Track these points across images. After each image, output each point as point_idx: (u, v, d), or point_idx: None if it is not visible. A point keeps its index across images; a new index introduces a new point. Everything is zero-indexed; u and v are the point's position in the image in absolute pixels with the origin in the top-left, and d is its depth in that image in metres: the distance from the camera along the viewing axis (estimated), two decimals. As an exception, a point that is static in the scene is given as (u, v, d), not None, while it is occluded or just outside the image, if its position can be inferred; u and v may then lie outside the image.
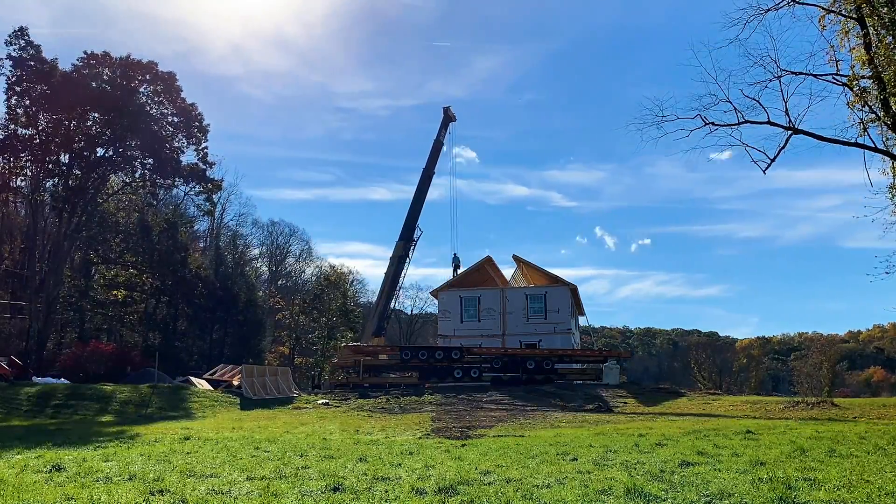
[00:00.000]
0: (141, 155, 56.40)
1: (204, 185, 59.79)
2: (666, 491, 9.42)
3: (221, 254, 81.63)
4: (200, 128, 58.06)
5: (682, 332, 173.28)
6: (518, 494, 9.36)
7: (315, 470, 11.85)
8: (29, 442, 17.09)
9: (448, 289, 55.59)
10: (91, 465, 12.51)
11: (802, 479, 10.20)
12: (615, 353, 51.24)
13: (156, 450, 15.10)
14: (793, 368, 41.06)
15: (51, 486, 10.25)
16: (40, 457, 13.63)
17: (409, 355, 45.53)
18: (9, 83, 52.04)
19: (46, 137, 53.71)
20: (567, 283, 53.76)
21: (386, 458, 13.76)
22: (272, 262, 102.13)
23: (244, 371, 40.76)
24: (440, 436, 20.46)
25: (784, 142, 24.10)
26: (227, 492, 9.74)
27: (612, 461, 12.79)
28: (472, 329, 52.36)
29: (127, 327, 69.82)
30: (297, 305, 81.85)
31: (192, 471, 11.73)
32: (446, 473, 11.23)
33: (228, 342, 72.59)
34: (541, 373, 42.59)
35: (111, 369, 45.96)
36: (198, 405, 33.18)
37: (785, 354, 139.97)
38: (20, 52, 52.09)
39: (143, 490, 9.71)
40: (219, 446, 16.07)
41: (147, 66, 55.53)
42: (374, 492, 9.71)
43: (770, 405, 30.24)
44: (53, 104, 52.94)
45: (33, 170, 55.52)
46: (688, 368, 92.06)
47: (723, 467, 11.70)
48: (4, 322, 62.47)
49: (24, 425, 24.91)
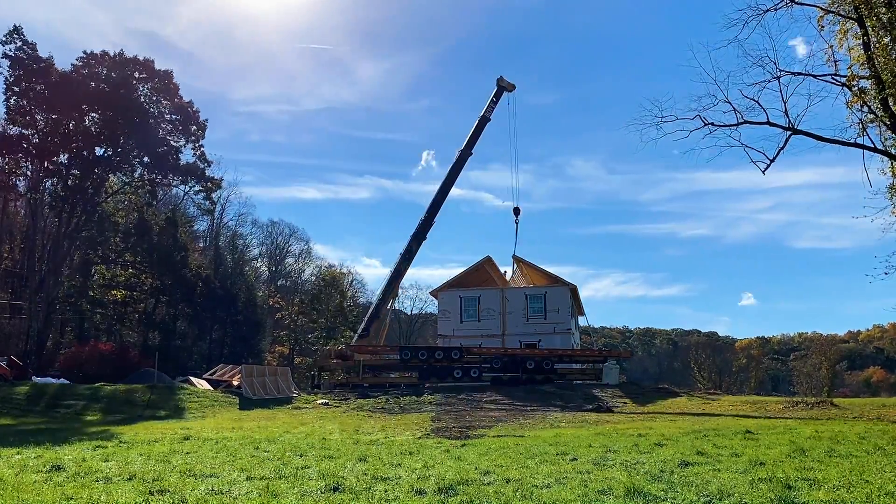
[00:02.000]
0: (139, 154, 56.47)
1: (203, 184, 59.81)
2: (665, 491, 9.42)
3: (221, 254, 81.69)
4: (198, 126, 58.08)
5: (682, 332, 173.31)
6: (518, 494, 9.35)
7: (315, 470, 11.85)
8: (26, 441, 17.07)
9: (448, 289, 55.52)
10: (90, 465, 12.50)
11: (802, 479, 10.20)
12: (615, 353, 51.26)
13: (155, 450, 15.09)
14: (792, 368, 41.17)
15: (50, 485, 10.25)
16: (39, 457, 13.61)
17: (409, 355, 45.54)
18: (7, 83, 52.09)
19: (45, 137, 53.75)
20: (567, 283, 53.73)
21: (386, 458, 13.76)
22: (272, 262, 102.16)
23: (244, 371, 40.74)
24: (440, 436, 20.45)
25: (783, 142, 24.12)
26: (227, 492, 9.74)
27: (611, 461, 12.79)
28: (471, 329, 52.31)
29: (127, 327, 69.84)
30: (296, 305, 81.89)
31: (191, 471, 11.73)
32: (446, 473, 11.22)
33: (228, 342, 72.64)
34: (541, 373, 42.61)
35: (110, 369, 45.96)
36: (197, 405, 33.16)
37: (784, 354, 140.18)
38: (16, 52, 52.09)
39: (143, 490, 9.71)
40: (218, 446, 16.06)
41: (144, 64, 55.58)
42: (373, 492, 9.71)
43: (770, 405, 30.24)
44: (52, 104, 52.98)
45: (32, 169, 55.64)
46: (688, 368, 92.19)
47: (722, 467, 11.70)
48: (4, 322, 62.53)
49: (15, 424, 24.90)
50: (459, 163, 54.99)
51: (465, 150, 55.06)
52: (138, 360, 51.04)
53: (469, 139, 55.25)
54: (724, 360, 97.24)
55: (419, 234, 53.44)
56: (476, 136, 55.61)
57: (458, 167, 55.09)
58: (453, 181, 55.28)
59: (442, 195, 54.63)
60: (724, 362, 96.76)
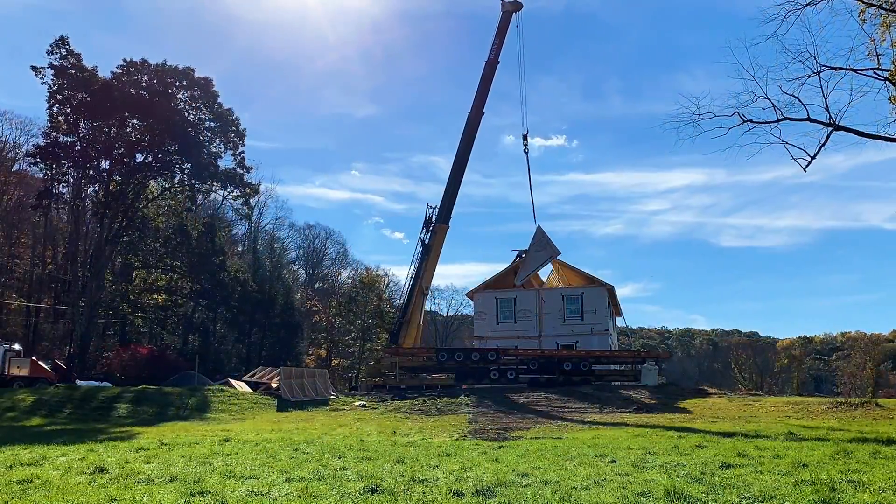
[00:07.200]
0: (179, 160, 57.15)
1: (241, 190, 60.39)
2: (706, 493, 9.32)
3: (259, 257, 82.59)
4: (237, 132, 58.70)
5: (722, 332, 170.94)
6: (556, 497, 9.31)
7: (353, 471, 11.92)
8: (72, 442, 17.39)
9: (484, 290, 55.41)
10: (133, 466, 12.70)
11: (846, 481, 10.03)
12: (653, 354, 50.75)
13: (196, 451, 15.28)
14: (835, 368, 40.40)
15: (94, 487, 10.44)
16: (83, 458, 13.86)
17: (445, 357, 45.54)
18: (50, 92, 53.12)
19: (87, 144, 54.79)
20: (604, 284, 53.33)
21: (423, 459, 13.78)
22: (308, 265, 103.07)
23: (282, 373, 41.08)
24: (477, 437, 20.42)
25: (825, 138, 23.75)
26: (267, 493, 9.83)
27: (651, 463, 12.68)
28: (508, 330, 52.16)
29: (167, 331, 70.93)
30: (333, 308, 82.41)
31: (232, 472, 11.86)
32: (484, 475, 11.21)
33: (266, 344, 73.35)
34: (578, 374, 42.38)
35: (151, 372, 46.65)
36: (237, 407, 33.52)
37: (827, 354, 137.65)
38: (61, 61, 53.14)
39: (185, 491, 9.84)
40: (258, 448, 16.22)
41: (184, 73, 56.29)
42: (411, 493, 9.74)
43: (812, 406, 29.73)
44: (94, 111, 53.96)
45: (75, 176, 56.64)
46: (728, 369, 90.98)
47: (764, 469, 11.55)
48: (48, 326, 63.84)
49: (60, 426, 25.38)
50: (471, 128, 51.08)
51: (475, 112, 50.86)
52: (178, 362, 51.79)
53: (477, 96, 50.95)
54: (765, 361, 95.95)
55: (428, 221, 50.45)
56: (485, 91, 50.98)
57: (471, 134, 51.17)
58: (468, 151, 51.25)
59: (458, 170, 51.06)
60: (765, 362, 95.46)
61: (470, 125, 51.10)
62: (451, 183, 51.35)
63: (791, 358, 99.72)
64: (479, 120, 51.17)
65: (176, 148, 55.98)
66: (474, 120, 51.00)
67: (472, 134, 51.22)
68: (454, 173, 51.46)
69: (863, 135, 23.38)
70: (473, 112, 50.93)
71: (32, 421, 28.60)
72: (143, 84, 55.48)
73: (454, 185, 51.33)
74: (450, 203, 51.10)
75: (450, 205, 51.09)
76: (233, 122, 58.45)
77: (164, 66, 55.72)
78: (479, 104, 50.94)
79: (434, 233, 50.57)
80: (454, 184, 51.31)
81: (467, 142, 51.21)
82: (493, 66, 50.98)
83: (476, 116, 50.94)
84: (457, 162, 51.37)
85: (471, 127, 51.06)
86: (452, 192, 51.26)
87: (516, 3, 51.21)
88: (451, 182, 51.36)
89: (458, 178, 51.47)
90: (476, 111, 50.91)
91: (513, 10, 51.25)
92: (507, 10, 51.09)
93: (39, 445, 16.66)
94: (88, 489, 10.24)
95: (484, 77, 51.06)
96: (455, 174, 51.45)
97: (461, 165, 51.35)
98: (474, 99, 51.11)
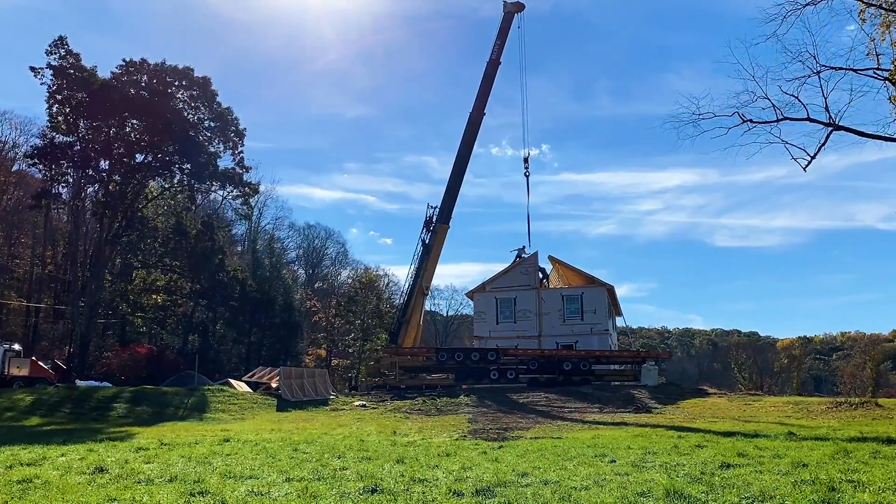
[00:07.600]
0: (179, 160, 57.05)
1: (241, 189, 60.32)
2: (706, 493, 9.31)
3: (258, 257, 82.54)
4: (237, 132, 58.60)
5: (722, 332, 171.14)
6: (556, 496, 9.31)
7: (353, 471, 11.91)
8: (72, 441, 17.40)
9: (483, 290, 55.40)
10: (133, 466, 12.70)
11: (846, 480, 10.03)
12: (653, 354, 50.77)
13: (196, 451, 15.27)
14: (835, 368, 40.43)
15: (94, 487, 10.44)
16: (83, 458, 13.86)
17: (445, 357, 45.51)
18: (50, 92, 53.04)
19: (86, 144, 54.68)
20: (604, 284, 53.27)
21: (423, 459, 13.77)
22: (308, 264, 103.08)
23: (282, 373, 41.06)
24: (477, 437, 20.43)
25: (825, 138, 23.77)
26: (267, 493, 9.83)
27: (650, 463, 12.68)
28: (508, 330, 52.14)
29: (166, 331, 70.86)
30: (332, 308, 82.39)
31: (231, 472, 11.86)
32: (483, 475, 11.21)
33: (266, 344, 73.32)
34: (578, 374, 42.39)
35: (151, 372, 46.64)
36: (236, 407, 33.52)
37: (827, 354, 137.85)
38: (60, 62, 53.06)
39: (184, 491, 9.84)
40: (258, 448, 16.22)
41: (183, 72, 56.19)
42: (411, 493, 9.73)
43: (812, 406, 29.72)
44: (93, 111, 53.86)
45: (74, 176, 56.52)
46: (728, 369, 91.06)
47: (764, 469, 11.55)
48: (48, 326, 63.84)
49: (58, 426, 25.38)
50: (472, 128, 51.17)
51: (476, 111, 50.85)
52: (178, 362, 51.77)
53: (478, 96, 50.89)
54: (764, 361, 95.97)
55: (429, 221, 50.45)
56: (487, 90, 50.91)
57: (472, 134, 51.28)
58: (469, 151, 51.35)
59: (458, 171, 51.05)
60: (765, 362, 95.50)
61: (471, 125, 51.35)
62: (451, 183, 51.47)
63: (791, 358, 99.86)
64: (481, 120, 51.47)
65: (175, 148, 55.88)
66: (476, 120, 51.21)
67: (474, 134, 51.55)
68: (455, 173, 51.63)
69: (863, 134, 23.39)
70: (475, 112, 51.17)
71: (31, 421, 28.64)
72: (142, 84, 55.37)
73: (455, 185, 51.48)
74: (450, 203, 51.32)
75: (450, 204, 51.30)
76: (232, 122, 58.36)
77: (163, 66, 55.64)
78: (480, 104, 51.21)
79: (435, 232, 50.71)
80: (455, 184, 51.46)
81: (468, 142, 51.45)
82: (495, 66, 51.36)
83: (478, 116, 51.17)
84: (457, 162, 51.57)
85: (472, 127, 51.32)
86: (453, 192, 51.45)
87: (518, 3, 51.56)
88: (452, 182, 51.49)
89: (459, 177, 51.66)
90: (477, 111, 51.18)
91: (515, 12, 51.67)
92: (508, 11, 51.55)
93: (39, 445, 16.67)
94: (88, 489, 10.23)
95: (486, 76, 51.43)
96: (456, 174, 51.63)
97: (462, 165, 51.56)
98: (476, 99, 51.39)
